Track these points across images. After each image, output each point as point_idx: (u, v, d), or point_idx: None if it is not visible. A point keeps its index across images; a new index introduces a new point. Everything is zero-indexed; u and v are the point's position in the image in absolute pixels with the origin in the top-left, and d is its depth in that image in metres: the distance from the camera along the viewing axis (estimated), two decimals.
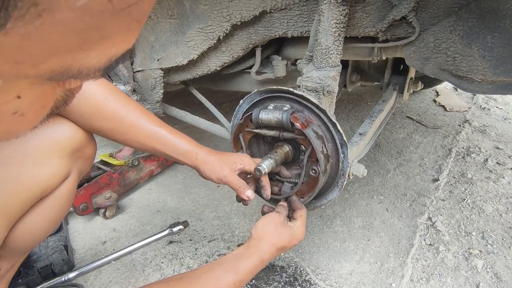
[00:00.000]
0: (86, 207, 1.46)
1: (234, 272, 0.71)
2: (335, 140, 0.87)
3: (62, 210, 0.81)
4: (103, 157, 1.67)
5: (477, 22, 0.77)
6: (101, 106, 0.79)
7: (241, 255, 0.76)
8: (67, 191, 0.79)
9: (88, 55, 0.27)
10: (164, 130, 0.85)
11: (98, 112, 0.79)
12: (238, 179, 0.84)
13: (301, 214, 0.87)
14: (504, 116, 2.45)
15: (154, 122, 0.85)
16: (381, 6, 0.92)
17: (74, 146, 0.78)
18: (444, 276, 1.18)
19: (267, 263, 0.79)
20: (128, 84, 1.19)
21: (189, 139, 0.88)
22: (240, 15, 1.07)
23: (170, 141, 0.85)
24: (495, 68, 0.77)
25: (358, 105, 2.66)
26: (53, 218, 0.79)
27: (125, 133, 0.83)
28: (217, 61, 1.25)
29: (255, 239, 0.78)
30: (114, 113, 0.81)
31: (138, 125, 0.83)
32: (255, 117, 0.88)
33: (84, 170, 0.86)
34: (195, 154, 0.86)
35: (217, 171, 0.84)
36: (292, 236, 0.82)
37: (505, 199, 1.55)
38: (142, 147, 0.86)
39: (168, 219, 1.52)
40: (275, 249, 0.78)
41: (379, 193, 1.63)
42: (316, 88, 0.95)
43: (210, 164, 0.84)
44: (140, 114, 0.84)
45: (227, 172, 0.83)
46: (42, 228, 0.78)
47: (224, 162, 0.85)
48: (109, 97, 0.80)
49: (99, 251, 1.36)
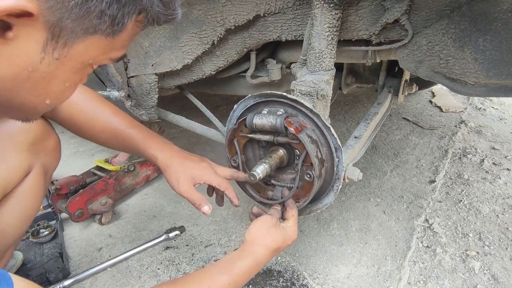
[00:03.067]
0: (81, 214, 1.45)
1: (228, 273, 0.71)
2: (329, 144, 0.87)
3: (30, 205, 0.81)
4: (99, 162, 1.66)
5: (469, 25, 0.77)
6: (74, 113, 0.86)
7: (235, 257, 0.76)
8: (31, 185, 0.79)
9: (114, 54, 0.55)
10: (134, 130, 0.89)
11: (72, 119, 0.86)
12: (194, 195, 0.85)
13: (293, 214, 0.87)
14: (500, 116, 2.46)
15: (124, 124, 0.89)
16: (374, 10, 0.92)
17: (31, 139, 0.79)
18: (441, 278, 1.18)
19: (262, 265, 0.78)
20: (122, 89, 1.18)
21: (154, 140, 0.89)
22: (234, 19, 1.07)
23: (134, 142, 0.88)
24: (487, 70, 0.77)
25: (355, 106, 2.66)
26: (23, 214, 0.79)
27: (96, 137, 0.90)
28: (211, 66, 1.25)
29: (249, 242, 0.78)
30: (84, 119, 0.87)
31: (107, 129, 0.89)
32: (249, 122, 0.87)
33: (50, 164, 0.88)
34: (154, 158, 0.88)
35: (174, 184, 0.86)
36: (285, 236, 0.82)
37: (502, 200, 1.55)
38: (113, 148, 0.93)
39: (164, 225, 1.51)
40: (270, 251, 0.78)
41: (376, 196, 1.63)
42: (310, 92, 0.95)
43: (168, 173, 0.86)
44: (109, 116, 0.89)
45: (183, 188, 0.85)
46: (12, 225, 0.78)
47: (183, 174, 0.85)
48: (80, 103, 0.88)
49: (94, 257, 1.35)
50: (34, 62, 0.46)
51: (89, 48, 0.49)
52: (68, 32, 0.45)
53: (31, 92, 0.50)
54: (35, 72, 0.47)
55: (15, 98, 0.50)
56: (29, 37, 0.44)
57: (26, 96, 0.50)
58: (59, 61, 0.48)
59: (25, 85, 0.48)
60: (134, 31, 0.54)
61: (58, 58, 0.47)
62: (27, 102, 0.51)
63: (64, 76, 0.51)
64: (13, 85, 0.47)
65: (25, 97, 0.51)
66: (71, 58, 0.48)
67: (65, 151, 2.05)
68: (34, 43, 0.45)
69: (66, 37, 0.46)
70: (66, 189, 1.48)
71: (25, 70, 0.46)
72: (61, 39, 0.46)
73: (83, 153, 2.24)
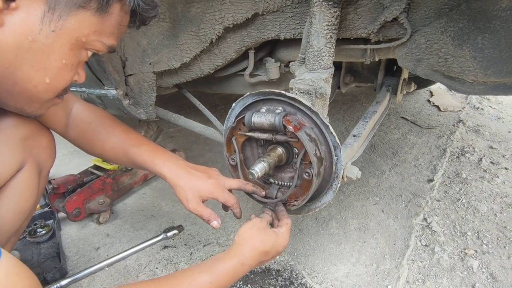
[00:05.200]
0: (79, 213, 1.44)
1: (210, 273, 0.71)
2: (328, 143, 0.87)
3: (24, 200, 0.81)
4: (96, 161, 1.66)
5: (467, 23, 0.77)
6: (86, 132, 0.95)
7: (219, 258, 0.76)
8: (24, 180, 0.80)
9: (105, 39, 0.63)
10: (142, 148, 0.93)
11: (84, 137, 0.95)
12: (204, 211, 0.87)
13: (287, 223, 0.87)
14: (498, 115, 2.46)
15: (132, 143, 0.94)
16: (373, 8, 0.92)
17: (22, 133, 0.81)
18: (440, 277, 1.18)
19: (249, 267, 0.77)
20: (120, 88, 1.18)
21: (162, 157, 0.91)
22: (233, 17, 1.06)
23: (142, 160, 0.92)
24: (486, 69, 0.77)
25: (353, 106, 2.66)
26: (16, 209, 0.80)
27: (107, 155, 0.98)
28: (210, 64, 1.25)
29: (237, 243, 0.78)
30: (96, 138, 0.95)
31: (117, 147, 0.95)
32: (248, 120, 0.87)
33: (44, 161, 0.89)
34: (163, 176, 0.90)
35: (183, 201, 0.88)
36: (276, 240, 0.81)
37: (500, 199, 1.56)
38: (123, 164, 1.01)
39: (162, 224, 1.51)
40: (257, 252, 0.77)
41: (374, 194, 1.63)
42: (308, 90, 0.94)
43: (177, 190, 0.89)
44: (119, 135, 0.95)
45: (193, 206, 0.86)
46: (7, 220, 0.78)
47: (191, 191, 0.87)
48: (93, 122, 0.95)
49: (92, 257, 1.34)
50: (34, 31, 0.55)
51: (81, 24, 0.59)
52: (62, 5, 0.55)
53: (31, 65, 0.58)
54: (35, 43, 0.56)
55: (17, 71, 0.57)
56: (30, 7, 0.53)
57: (27, 71, 0.58)
58: (55, 33, 0.57)
59: (26, 56, 0.56)
60: (121, 20, 0.64)
61: (54, 30, 0.56)
62: (28, 78, 0.59)
63: (61, 52, 0.59)
64: (16, 54, 0.55)
65: (26, 72, 0.58)
66: (65, 32, 0.58)
67: (62, 150, 2.04)
68: (34, 14, 0.54)
69: (60, 10, 0.55)
70: (64, 188, 1.47)
71: (26, 39, 0.55)
72: (56, 11, 0.55)
73: (81, 152, 2.22)
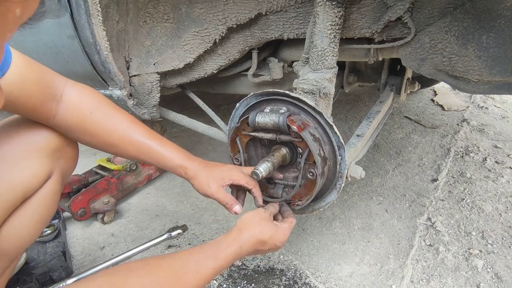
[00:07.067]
0: (84, 213, 1.45)
1: (214, 259, 0.72)
2: (332, 142, 0.87)
3: (47, 210, 0.81)
4: (101, 162, 1.67)
5: (472, 23, 0.77)
6: (87, 121, 0.81)
7: (224, 243, 0.76)
8: (50, 190, 0.79)
9: None
10: (154, 142, 0.87)
11: (83, 127, 0.81)
12: (225, 195, 0.86)
13: (291, 221, 0.88)
14: (502, 114, 2.45)
15: (143, 135, 0.86)
16: (376, 7, 0.92)
17: (53, 145, 0.79)
18: (444, 277, 1.18)
19: (245, 252, 0.77)
20: (124, 88, 1.18)
21: (179, 151, 0.89)
22: (236, 18, 1.07)
23: (159, 154, 0.87)
24: (491, 68, 0.76)
25: (356, 105, 2.65)
26: (40, 218, 0.80)
27: (114, 147, 0.86)
28: (213, 64, 1.25)
29: (238, 228, 0.79)
30: (101, 129, 0.83)
31: (126, 139, 0.85)
32: (252, 120, 0.87)
33: (67, 171, 0.87)
34: (184, 169, 0.88)
35: (205, 188, 0.86)
36: (274, 233, 0.81)
37: (505, 198, 1.55)
38: (133, 159, 0.89)
39: (167, 223, 1.51)
40: (255, 240, 0.78)
41: (378, 194, 1.63)
42: (312, 90, 0.94)
43: (198, 180, 0.87)
44: (128, 127, 0.85)
45: (214, 189, 0.85)
46: (29, 229, 0.78)
47: (212, 178, 0.86)
48: (95, 112, 0.81)
49: (97, 256, 1.35)
50: None
51: None
52: None
53: None
54: None
55: None
56: None
57: None
58: None
59: None
60: None
61: None
62: None
63: None
64: None
65: None
66: None
67: None
68: None
69: None
70: (69, 188, 1.48)
71: None
72: None
73: (85, 152, 2.25)
